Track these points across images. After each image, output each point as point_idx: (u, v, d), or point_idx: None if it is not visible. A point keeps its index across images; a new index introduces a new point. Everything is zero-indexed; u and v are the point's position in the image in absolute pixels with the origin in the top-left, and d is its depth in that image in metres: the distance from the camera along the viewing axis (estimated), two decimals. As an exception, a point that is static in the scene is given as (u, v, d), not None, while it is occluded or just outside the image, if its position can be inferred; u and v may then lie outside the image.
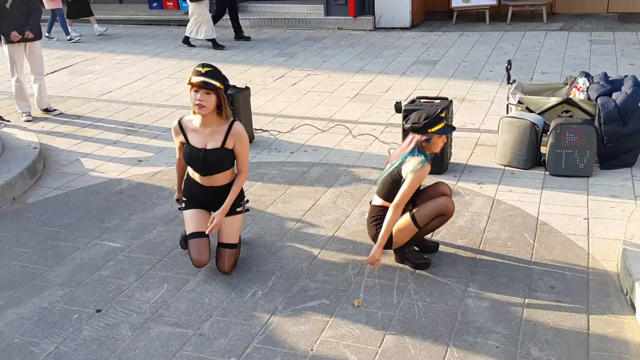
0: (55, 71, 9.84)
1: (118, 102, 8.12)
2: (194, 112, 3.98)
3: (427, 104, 5.45)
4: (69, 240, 4.72)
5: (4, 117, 7.01)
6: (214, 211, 4.11)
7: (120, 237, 4.73)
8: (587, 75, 5.92)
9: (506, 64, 6.13)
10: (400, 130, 5.57)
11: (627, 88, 5.50)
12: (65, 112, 7.76)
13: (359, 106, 7.39)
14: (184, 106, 7.67)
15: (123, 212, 5.12)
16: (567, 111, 5.59)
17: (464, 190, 5.14)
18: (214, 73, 3.87)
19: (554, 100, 5.68)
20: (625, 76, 5.79)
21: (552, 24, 10.92)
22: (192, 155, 4.03)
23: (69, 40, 12.06)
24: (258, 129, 6.74)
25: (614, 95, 5.48)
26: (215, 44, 10.80)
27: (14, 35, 6.92)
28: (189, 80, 3.89)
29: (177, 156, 4.31)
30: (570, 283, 3.85)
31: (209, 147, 4.00)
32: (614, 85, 5.66)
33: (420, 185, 3.96)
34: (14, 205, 5.39)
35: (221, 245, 4.14)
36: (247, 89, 6.46)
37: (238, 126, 4.03)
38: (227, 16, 11.44)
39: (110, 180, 5.75)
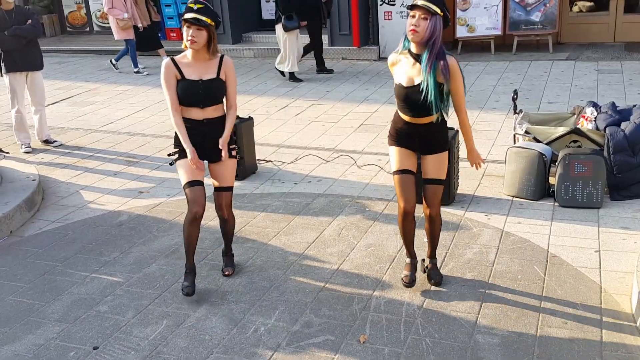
0: (56, 102, 9.82)
1: (119, 133, 8.06)
2: (185, 47, 4.05)
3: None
4: (66, 275, 4.61)
5: (3, 149, 6.96)
6: (204, 152, 4.14)
7: (119, 270, 4.62)
8: (595, 105, 5.85)
9: (512, 94, 6.07)
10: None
11: (635, 118, 5.42)
12: (65, 144, 7.70)
13: (363, 136, 7.31)
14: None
15: (122, 245, 5.01)
16: (575, 141, 5.50)
17: (472, 221, 5.02)
18: (205, 9, 3.97)
19: (561, 130, 5.59)
20: (634, 105, 5.73)
21: (558, 54, 10.88)
22: (190, 88, 4.03)
23: (136, 72, 11.66)
24: (261, 160, 6.66)
25: (623, 125, 5.41)
26: (293, 77, 10.36)
27: None
28: (182, 16, 3.97)
29: (172, 106, 4.05)
30: (583, 318, 3.72)
31: (205, 78, 4.06)
32: (623, 114, 5.59)
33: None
34: (10, 239, 5.29)
35: (218, 189, 4.26)
36: (250, 119, 6.40)
37: (228, 59, 4.17)
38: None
39: (110, 213, 5.65)
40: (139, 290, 4.34)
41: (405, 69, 3.78)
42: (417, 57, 3.72)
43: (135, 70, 11.71)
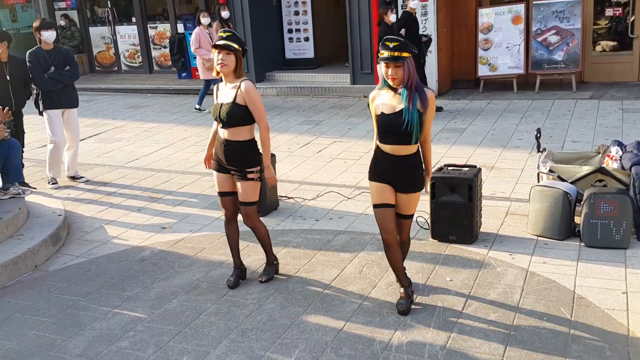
0: (84, 139, 9.97)
1: (144, 170, 8.16)
2: (217, 72, 4.54)
3: (455, 172, 5.36)
4: (88, 310, 4.62)
5: (30, 184, 7.07)
6: (230, 167, 4.64)
7: (141, 306, 4.62)
8: (620, 144, 5.79)
9: (536, 132, 6.04)
10: (427, 198, 5.46)
11: (662, 156, 5.35)
12: (91, 180, 7.80)
13: (385, 174, 7.29)
14: (208, 173, 7.61)
15: (144, 281, 5.03)
16: (600, 180, 5.44)
17: (496, 261, 4.96)
18: (233, 37, 4.48)
19: (586, 169, 5.54)
20: (660, 144, 5.65)
21: (582, 93, 10.84)
22: (214, 109, 4.61)
23: (197, 109, 11.51)
24: (283, 196, 6.68)
25: (649, 164, 5.33)
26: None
27: None
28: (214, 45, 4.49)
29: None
30: (612, 362, 3.63)
31: (225, 102, 4.54)
32: (648, 154, 5.52)
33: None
34: (35, 273, 5.33)
35: (240, 203, 4.71)
36: (272, 155, 6.42)
37: (245, 83, 4.52)
38: None
39: (133, 248, 5.69)
40: (159, 326, 4.33)
41: (386, 100, 4.07)
42: (396, 90, 4.03)
43: (198, 107, 11.56)
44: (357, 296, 4.56)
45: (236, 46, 4.44)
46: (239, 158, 4.58)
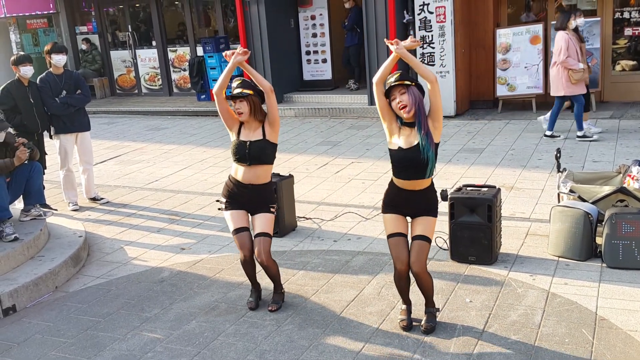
0: (104, 161, 10.09)
1: (163, 191, 8.21)
2: (239, 119, 4.66)
3: (474, 192, 5.34)
4: (108, 330, 4.64)
5: (51, 206, 7.14)
6: (250, 212, 4.70)
7: (160, 327, 4.63)
8: (641, 164, 5.73)
9: (556, 152, 6.00)
10: (447, 219, 5.43)
11: (684, 176, 5.29)
12: (111, 201, 7.87)
13: (403, 194, 7.27)
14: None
15: (163, 302, 5.04)
16: (621, 200, 5.38)
17: (516, 282, 4.91)
18: (242, 83, 4.60)
19: (607, 189, 5.49)
20: (682, 164, 5.59)
21: (602, 112, 10.75)
22: (238, 147, 4.62)
23: (581, 137, 9.02)
24: (301, 217, 6.68)
25: (671, 183, 5.27)
26: None
27: None
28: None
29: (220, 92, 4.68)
30: (636, 385, 3.57)
31: (252, 140, 4.61)
32: (670, 173, 5.46)
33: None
34: (56, 294, 5.37)
35: (256, 235, 4.64)
36: (290, 176, 6.46)
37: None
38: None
39: (152, 269, 5.71)
40: (178, 347, 4.33)
41: (403, 136, 4.15)
42: (411, 124, 4.11)
43: (581, 134, 9.02)
44: (375, 317, 4.53)
45: (247, 92, 4.54)
46: (262, 199, 4.71)
